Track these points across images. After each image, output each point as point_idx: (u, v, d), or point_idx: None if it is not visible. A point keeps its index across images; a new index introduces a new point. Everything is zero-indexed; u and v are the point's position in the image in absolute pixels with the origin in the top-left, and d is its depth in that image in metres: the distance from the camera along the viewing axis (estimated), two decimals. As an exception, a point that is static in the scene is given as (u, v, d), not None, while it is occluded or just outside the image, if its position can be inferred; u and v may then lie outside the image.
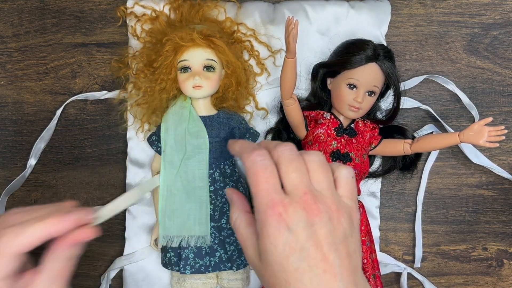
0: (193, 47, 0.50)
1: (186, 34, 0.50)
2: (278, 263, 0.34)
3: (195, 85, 0.51)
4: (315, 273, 0.33)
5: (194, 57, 0.51)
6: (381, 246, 0.61)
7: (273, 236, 0.34)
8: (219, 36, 0.51)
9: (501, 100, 0.62)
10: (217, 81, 0.52)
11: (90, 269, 0.61)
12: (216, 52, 0.51)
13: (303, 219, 0.34)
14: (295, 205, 0.34)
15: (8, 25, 0.63)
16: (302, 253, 0.34)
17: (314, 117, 0.57)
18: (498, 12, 0.61)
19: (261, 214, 0.35)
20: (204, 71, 0.51)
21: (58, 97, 0.63)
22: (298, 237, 0.34)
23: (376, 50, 0.52)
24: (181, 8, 0.56)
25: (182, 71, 0.51)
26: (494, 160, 0.61)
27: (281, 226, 0.34)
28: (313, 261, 0.34)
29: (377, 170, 0.60)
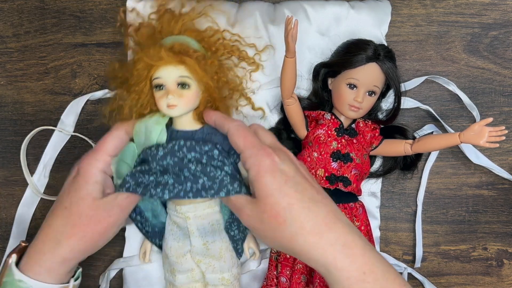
0: (165, 64, 0.47)
1: (154, 52, 0.47)
2: (278, 189, 0.41)
3: (169, 104, 0.47)
4: (311, 192, 0.42)
5: (166, 74, 0.48)
6: (381, 246, 0.61)
7: (270, 170, 0.41)
8: (192, 51, 0.49)
9: (501, 100, 0.62)
10: (194, 98, 0.49)
11: (90, 269, 0.61)
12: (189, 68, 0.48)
13: (288, 159, 0.44)
14: (279, 150, 0.44)
15: (8, 25, 0.63)
16: (295, 179, 0.42)
17: (315, 117, 0.57)
18: (498, 12, 0.61)
19: (254, 157, 0.42)
20: (179, 88, 0.48)
21: (58, 97, 0.63)
22: (289, 169, 0.42)
23: (377, 50, 0.52)
24: (162, 18, 0.54)
25: (156, 89, 0.49)
26: (494, 160, 0.61)
27: (274, 162, 0.42)
28: (305, 185, 0.42)
29: (378, 170, 0.60)
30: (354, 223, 0.54)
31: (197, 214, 0.51)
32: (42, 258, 0.45)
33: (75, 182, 0.46)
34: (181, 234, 0.52)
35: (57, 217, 0.46)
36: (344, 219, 0.42)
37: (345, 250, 0.39)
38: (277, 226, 0.41)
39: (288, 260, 0.54)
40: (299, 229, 0.40)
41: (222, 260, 0.52)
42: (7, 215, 0.63)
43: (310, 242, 0.40)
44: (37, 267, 0.45)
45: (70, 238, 0.45)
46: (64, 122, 0.61)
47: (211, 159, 0.47)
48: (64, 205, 0.46)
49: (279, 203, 0.40)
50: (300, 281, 0.53)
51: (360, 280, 0.38)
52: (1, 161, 0.63)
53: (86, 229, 0.45)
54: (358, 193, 0.56)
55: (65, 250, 0.45)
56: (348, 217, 0.54)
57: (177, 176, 0.47)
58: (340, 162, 0.54)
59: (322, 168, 0.54)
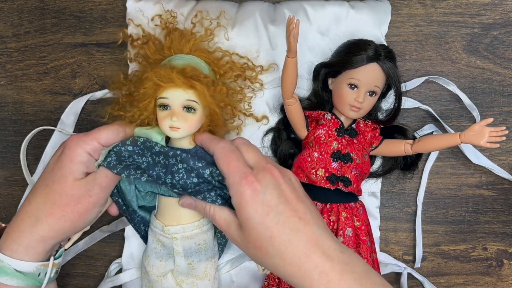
0: (174, 87, 0.47)
1: (165, 73, 0.46)
2: (261, 222, 0.41)
3: (172, 126, 0.47)
4: (293, 221, 0.42)
5: (174, 96, 0.47)
6: (381, 246, 0.61)
7: (252, 201, 0.42)
8: (203, 76, 0.48)
9: (501, 100, 0.62)
10: (197, 122, 0.48)
11: (90, 269, 0.61)
12: (197, 93, 0.47)
13: (271, 182, 0.43)
14: (262, 173, 0.43)
15: (8, 25, 0.63)
16: (278, 209, 0.42)
17: (315, 117, 0.57)
18: (498, 12, 0.61)
19: (236, 186, 0.42)
20: (184, 111, 0.47)
21: (58, 97, 0.63)
22: (271, 197, 0.42)
23: (378, 50, 0.52)
24: (171, 35, 0.53)
25: (161, 108, 0.48)
26: (494, 160, 0.61)
27: (256, 191, 0.42)
28: (288, 213, 0.42)
29: (378, 170, 0.60)
30: (355, 222, 0.54)
31: (185, 235, 0.50)
32: (20, 236, 0.45)
33: (59, 160, 0.47)
34: (165, 253, 0.52)
35: (38, 195, 0.46)
36: (324, 245, 0.42)
37: (321, 278, 0.40)
38: (261, 256, 0.42)
39: (288, 260, 0.54)
40: (280, 260, 0.41)
41: (206, 279, 0.52)
42: (7, 215, 0.63)
43: (290, 272, 0.41)
44: (15, 245, 0.45)
45: (49, 216, 0.45)
46: (64, 122, 0.61)
47: (200, 176, 0.47)
48: (46, 182, 0.46)
49: (262, 236, 0.42)
50: (300, 281, 0.53)
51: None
52: (1, 161, 0.63)
53: (65, 208, 0.45)
54: (359, 193, 0.56)
55: (43, 228, 0.45)
56: (349, 216, 0.54)
57: (159, 170, 0.47)
58: (340, 162, 0.54)
59: (322, 168, 0.54)
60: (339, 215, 0.54)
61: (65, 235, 0.47)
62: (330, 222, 0.54)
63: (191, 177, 0.47)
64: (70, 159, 0.46)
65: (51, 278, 0.48)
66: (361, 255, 0.54)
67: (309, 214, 0.43)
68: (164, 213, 0.51)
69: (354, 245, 0.54)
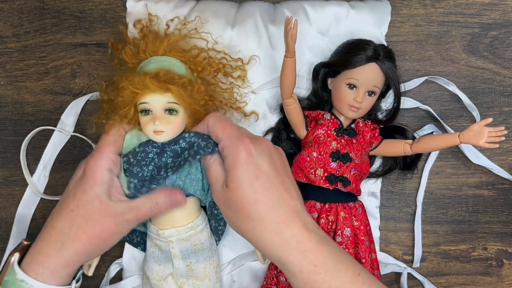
0: (151, 92, 0.47)
1: (139, 80, 0.46)
2: (249, 184, 0.42)
3: (156, 130, 0.47)
4: (279, 190, 0.43)
5: (154, 101, 0.47)
6: (381, 246, 0.61)
7: (245, 162, 0.43)
8: (178, 78, 0.48)
9: (501, 100, 0.62)
10: (181, 123, 0.49)
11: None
12: (175, 95, 0.47)
13: (265, 150, 0.45)
14: (257, 139, 0.45)
15: (8, 25, 0.63)
16: (268, 175, 0.43)
17: (314, 117, 0.57)
18: (498, 12, 0.61)
19: (231, 148, 0.44)
20: (166, 114, 0.48)
21: (58, 97, 0.63)
22: (264, 162, 0.44)
23: (377, 50, 0.52)
24: (146, 38, 0.53)
25: (143, 114, 0.48)
26: (494, 160, 0.61)
27: (250, 154, 0.43)
28: (276, 181, 0.43)
29: (378, 170, 0.60)
30: (354, 222, 0.54)
31: (180, 237, 0.50)
32: (46, 260, 0.45)
33: (82, 184, 0.46)
34: (163, 257, 0.52)
35: (62, 219, 0.46)
36: (305, 219, 0.44)
37: (298, 246, 0.42)
38: (241, 218, 0.43)
39: (288, 260, 0.54)
40: (260, 225, 0.42)
41: (206, 279, 0.52)
42: (7, 215, 0.63)
43: (268, 238, 0.42)
44: (40, 268, 0.45)
45: (75, 242, 0.45)
46: (64, 122, 0.61)
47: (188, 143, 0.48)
48: (71, 207, 0.46)
49: (247, 197, 0.42)
50: (300, 281, 0.53)
51: (312, 272, 0.41)
52: (1, 161, 0.63)
53: (91, 234, 0.46)
54: (358, 193, 0.56)
55: (69, 253, 0.46)
56: (347, 216, 0.54)
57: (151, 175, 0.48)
58: (339, 162, 0.54)
59: (321, 168, 0.54)
60: (337, 215, 0.54)
61: (89, 258, 0.48)
62: (329, 222, 0.54)
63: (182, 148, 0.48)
64: (93, 180, 0.46)
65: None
66: (360, 255, 0.54)
67: (293, 189, 0.45)
68: (158, 218, 0.51)
69: (353, 245, 0.54)
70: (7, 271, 0.46)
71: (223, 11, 0.60)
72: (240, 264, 0.59)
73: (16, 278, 0.45)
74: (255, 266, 0.59)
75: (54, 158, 0.62)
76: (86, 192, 0.46)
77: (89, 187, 0.46)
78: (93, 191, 0.46)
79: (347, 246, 0.53)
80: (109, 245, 0.48)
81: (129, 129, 0.50)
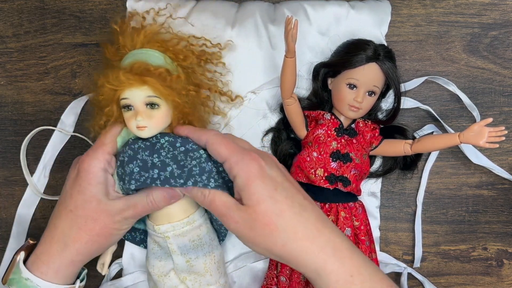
0: (128, 87, 0.46)
1: (113, 76, 0.45)
2: (270, 196, 0.41)
3: (138, 125, 0.46)
4: (299, 198, 0.42)
5: (133, 96, 0.46)
6: (381, 246, 0.61)
7: (260, 176, 0.41)
8: (153, 69, 0.46)
9: (501, 100, 0.62)
10: (164, 117, 0.47)
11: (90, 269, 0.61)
12: (153, 88, 0.46)
13: (273, 163, 0.44)
14: (263, 153, 0.44)
15: (8, 25, 0.63)
16: (284, 185, 0.42)
17: (314, 117, 0.57)
18: (498, 12, 0.61)
19: (241, 164, 0.42)
20: (148, 108, 0.46)
21: (58, 97, 0.63)
22: (277, 174, 0.43)
23: (377, 50, 0.52)
24: (124, 34, 0.52)
25: (125, 109, 0.47)
26: (494, 160, 0.61)
27: (262, 167, 0.42)
28: (293, 190, 0.43)
29: (378, 170, 0.60)
30: (354, 222, 0.54)
31: (176, 233, 0.50)
32: (50, 260, 0.46)
33: (77, 184, 0.46)
34: (163, 253, 0.52)
35: (62, 220, 0.47)
36: (331, 224, 0.43)
37: (335, 253, 0.40)
38: (269, 233, 0.40)
39: (288, 260, 0.54)
40: (292, 235, 0.40)
41: (208, 274, 0.52)
42: (7, 215, 0.63)
43: (302, 248, 0.40)
44: (45, 268, 0.46)
45: (76, 242, 0.46)
46: (64, 122, 0.61)
47: (186, 143, 0.46)
48: (69, 208, 0.46)
49: (271, 210, 0.40)
50: (300, 280, 0.53)
51: (348, 282, 0.39)
52: (1, 161, 0.63)
53: (91, 233, 0.46)
54: (358, 193, 0.56)
55: (72, 253, 0.46)
56: (347, 216, 0.54)
57: (143, 163, 0.46)
58: (339, 162, 0.54)
59: (321, 168, 0.54)
60: (338, 215, 0.54)
61: (93, 256, 0.49)
62: (330, 222, 0.54)
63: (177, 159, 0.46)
64: (88, 181, 0.46)
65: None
66: (361, 255, 0.54)
67: (309, 198, 0.44)
68: (153, 214, 0.51)
69: (353, 245, 0.54)
70: (12, 269, 0.47)
71: (223, 11, 0.60)
72: (242, 265, 0.59)
73: (22, 277, 0.45)
74: (255, 267, 0.59)
75: (54, 158, 0.62)
76: (82, 193, 0.46)
77: (85, 187, 0.46)
78: (89, 191, 0.46)
79: (347, 246, 0.53)
80: (110, 242, 0.49)
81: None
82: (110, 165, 0.48)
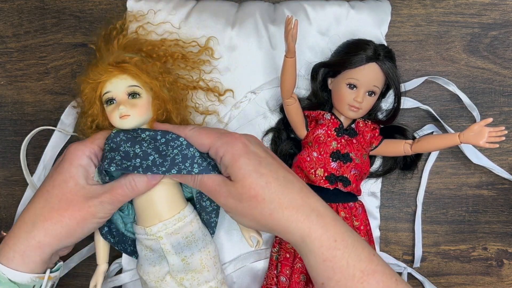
0: (108, 79, 0.48)
1: (94, 71, 0.48)
2: (255, 170, 0.43)
3: (121, 114, 0.47)
4: (283, 171, 0.45)
5: (115, 87, 0.48)
6: (381, 246, 0.61)
7: (244, 152, 0.44)
8: (128, 58, 0.49)
9: (501, 100, 0.62)
10: (146, 107, 0.49)
11: (90, 269, 0.61)
12: (133, 77, 0.48)
13: (256, 140, 0.47)
14: (243, 134, 0.47)
15: (8, 25, 0.63)
16: (267, 160, 0.45)
17: (314, 117, 0.57)
18: (498, 12, 0.61)
19: (226, 145, 0.45)
20: (130, 98, 0.48)
21: (58, 97, 0.63)
22: (259, 150, 0.45)
23: (377, 50, 0.52)
24: (99, 49, 0.54)
25: (107, 104, 0.49)
26: (494, 160, 0.61)
27: (245, 144, 0.45)
28: (277, 164, 0.45)
29: (378, 170, 0.60)
30: (354, 222, 0.54)
31: (168, 231, 0.50)
32: (16, 243, 0.45)
33: (60, 166, 0.47)
34: (156, 257, 0.51)
35: (37, 201, 0.46)
36: (314, 194, 0.45)
37: (319, 220, 0.42)
38: (257, 204, 0.43)
39: (288, 259, 0.54)
40: (278, 204, 0.43)
41: (205, 270, 0.51)
42: (7, 215, 0.63)
43: (288, 216, 0.42)
44: (12, 252, 0.45)
45: (46, 221, 0.45)
46: (64, 122, 0.61)
47: (166, 134, 0.48)
48: (46, 188, 0.46)
49: (257, 183, 0.43)
50: (300, 280, 0.53)
51: (332, 248, 0.41)
52: (1, 161, 0.63)
53: (64, 213, 0.45)
54: (358, 193, 0.56)
55: (39, 233, 0.45)
56: (347, 216, 0.54)
57: (125, 154, 0.47)
58: (339, 162, 0.54)
59: (321, 168, 0.54)
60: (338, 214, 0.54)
61: (60, 242, 0.46)
62: (330, 222, 0.54)
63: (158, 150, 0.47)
64: (70, 162, 0.46)
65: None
66: (361, 255, 0.54)
67: (292, 171, 0.47)
68: (142, 216, 0.50)
69: (354, 245, 0.54)
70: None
71: (223, 11, 0.60)
72: (241, 266, 0.59)
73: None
74: (255, 267, 0.59)
75: (54, 158, 0.62)
76: (62, 173, 0.46)
77: (65, 168, 0.46)
78: (68, 172, 0.46)
79: (347, 246, 0.53)
80: (82, 230, 0.47)
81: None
82: (95, 156, 0.48)
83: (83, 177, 0.46)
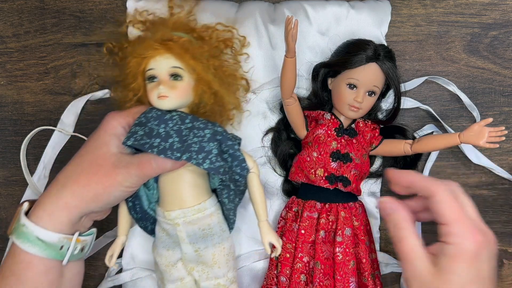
0: (153, 56, 0.47)
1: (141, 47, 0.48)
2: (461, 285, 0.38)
3: (160, 94, 0.47)
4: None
5: (158, 65, 0.47)
6: (381, 246, 0.61)
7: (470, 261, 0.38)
8: (176, 38, 0.48)
9: (501, 100, 0.62)
10: (186, 90, 0.48)
11: (90, 269, 0.61)
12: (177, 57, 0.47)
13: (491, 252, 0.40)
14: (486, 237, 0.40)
15: (8, 25, 0.63)
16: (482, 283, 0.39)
17: (314, 117, 0.57)
18: (498, 12, 0.61)
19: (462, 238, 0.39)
20: (171, 79, 0.48)
21: (58, 97, 0.63)
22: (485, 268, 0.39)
23: (377, 50, 0.52)
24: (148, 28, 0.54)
25: (149, 81, 0.48)
26: (494, 160, 0.61)
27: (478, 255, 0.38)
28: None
29: (378, 170, 0.60)
30: (354, 222, 0.54)
31: (186, 220, 0.49)
32: (46, 202, 0.45)
33: (95, 133, 0.48)
34: (171, 242, 0.51)
35: (71, 164, 0.47)
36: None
37: None
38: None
39: (288, 259, 0.54)
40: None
41: (216, 266, 0.51)
42: (7, 215, 0.63)
43: None
44: (41, 211, 0.45)
45: (74, 183, 0.45)
46: (64, 122, 0.61)
47: (195, 120, 0.47)
48: (81, 153, 0.48)
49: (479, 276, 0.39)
50: (300, 280, 0.53)
51: None
52: (1, 161, 0.63)
53: (92, 178, 0.45)
54: (358, 193, 0.56)
55: (67, 194, 0.45)
56: (347, 216, 0.54)
57: (149, 130, 0.46)
58: (339, 162, 0.54)
59: (321, 168, 0.54)
60: (338, 214, 0.54)
61: (87, 205, 0.46)
62: (329, 221, 0.54)
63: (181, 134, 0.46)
64: (104, 130, 0.47)
65: (74, 255, 0.47)
66: (360, 255, 0.54)
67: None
68: (164, 199, 0.50)
69: (353, 245, 0.54)
70: (16, 219, 0.46)
71: (223, 11, 0.60)
72: (242, 266, 0.59)
73: (20, 224, 0.45)
74: (255, 267, 0.59)
75: (54, 158, 0.62)
76: (96, 140, 0.47)
77: (100, 135, 0.47)
78: (102, 138, 0.47)
79: (348, 246, 0.53)
80: (108, 197, 0.46)
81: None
82: (130, 127, 0.48)
83: (115, 145, 0.47)
